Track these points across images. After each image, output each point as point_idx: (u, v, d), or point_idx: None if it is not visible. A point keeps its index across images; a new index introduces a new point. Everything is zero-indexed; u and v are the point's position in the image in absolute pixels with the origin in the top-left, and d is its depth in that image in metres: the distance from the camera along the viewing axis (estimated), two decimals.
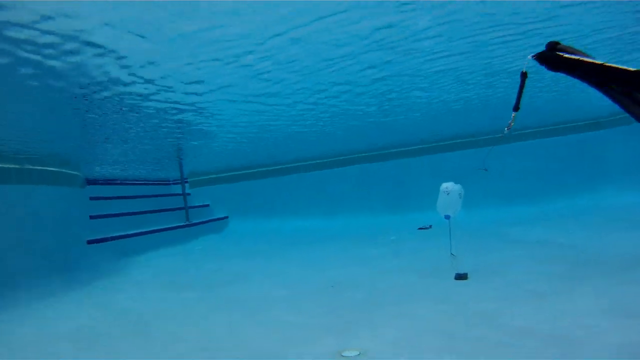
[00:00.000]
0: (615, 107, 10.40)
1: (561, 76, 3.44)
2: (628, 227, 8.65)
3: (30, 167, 8.89)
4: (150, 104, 6.66)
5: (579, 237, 8.22)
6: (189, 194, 15.75)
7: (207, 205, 16.00)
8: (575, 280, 5.54)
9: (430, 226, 11.46)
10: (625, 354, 3.41)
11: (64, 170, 9.94)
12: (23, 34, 3.89)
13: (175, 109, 7.19)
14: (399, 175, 14.67)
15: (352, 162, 15.39)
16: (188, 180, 16.37)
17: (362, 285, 6.50)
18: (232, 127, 9.36)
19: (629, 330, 3.83)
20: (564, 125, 13.90)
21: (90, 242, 9.85)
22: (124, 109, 6.77)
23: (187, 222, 13.78)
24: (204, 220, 14.62)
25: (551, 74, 3.52)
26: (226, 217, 15.80)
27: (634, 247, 6.98)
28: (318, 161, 15.71)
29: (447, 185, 6.74)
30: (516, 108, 3.80)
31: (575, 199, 12.80)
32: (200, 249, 12.10)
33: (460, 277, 6.21)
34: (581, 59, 3.13)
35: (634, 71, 2.89)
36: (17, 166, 8.54)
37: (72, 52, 4.41)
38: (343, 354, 3.98)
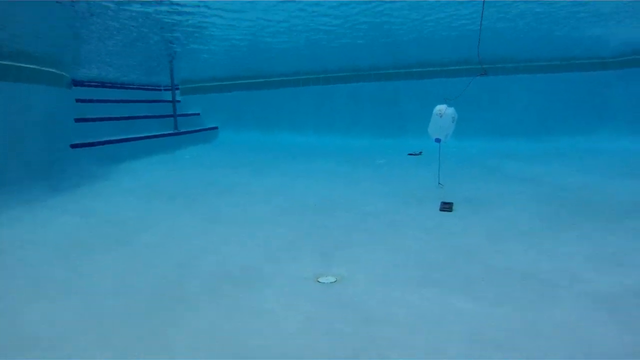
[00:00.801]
0: (624, 48, 10.06)
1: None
2: (624, 174, 8.52)
3: (10, 63, 8.53)
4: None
5: (574, 179, 8.07)
6: (179, 102, 15.44)
7: (198, 114, 15.74)
8: (564, 223, 5.46)
9: (421, 152, 11.34)
10: (599, 304, 3.39)
11: (46, 69, 9.55)
12: None
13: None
14: (394, 98, 14.36)
15: (348, 80, 14.98)
16: (179, 87, 15.99)
17: (346, 207, 6.45)
18: (228, 32, 8.98)
19: (607, 280, 3.80)
20: (570, 62, 13.44)
21: (74, 146, 9.65)
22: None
23: (176, 130, 13.57)
24: (193, 129, 14.40)
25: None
26: (216, 128, 15.58)
27: (627, 195, 6.87)
28: (314, 76, 15.26)
29: (440, 108, 6.53)
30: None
31: (576, 137, 12.64)
32: (188, 158, 11.98)
33: (445, 207, 6.16)
34: None
35: None
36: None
37: None
38: (319, 280, 3.96)
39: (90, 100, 11.64)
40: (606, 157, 10.52)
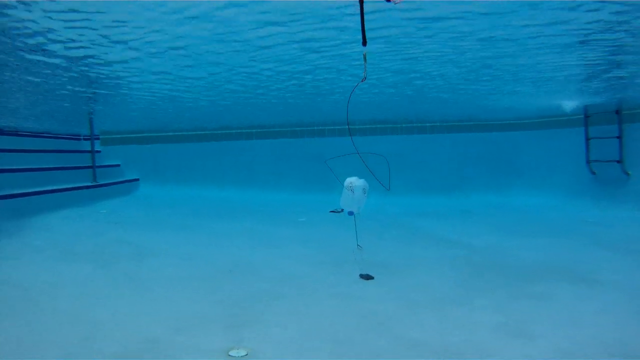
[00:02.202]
0: (532, 113, 10.71)
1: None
2: (535, 232, 9.05)
3: None
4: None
5: (487, 239, 8.47)
6: (98, 152, 15.00)
7: (118, 166, 15.33)
8: (477, 288, 5.64)
9: (342, 210, 11.51)
10: None
11: None
12: None
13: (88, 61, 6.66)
14: (318, 153, 14.62)
15: (273, 136, 15.17)
16: (100, 137, 15.57)
17: (263, 273, 6.38)
18: (149, 86, 8.89)
19: (515, 352, 3.96)
20: (485, 123, 14.37)
21: None
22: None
23: (94, 183, 13.14)
24: (113, 181, 13.99)
25: None
26: (137, 180, 15.21)
27: (533, 254, 7.28)
28: (237, 131, 15.36)
29: (351, 181, 6.64)
30: (364, 42, 3.66)
31: (488, 195, 13.33)
32: (105, 212, 11.58)
33: (365, 276, 6.22)
34: None
35: None
36: None
37: None
38: (230, 353, 3.88)
39: (1, 150, 11.10)
40: (516, 214, 11.15)
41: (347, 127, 14.36)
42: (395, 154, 11.72)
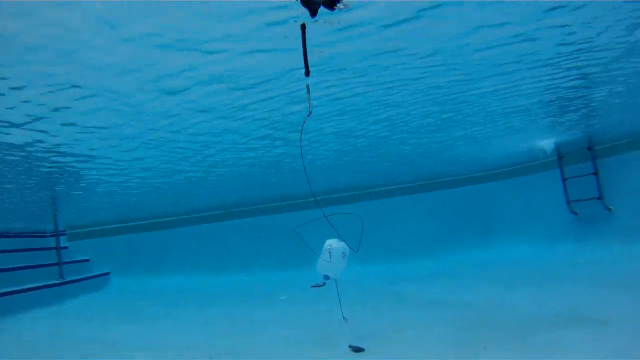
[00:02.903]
0: (506, 160, 10.56)
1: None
2: (526, 282, 8.79)
3: None
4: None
5: (476, 295, 8.17)
6: (65, 248, 14.40)
7: (87, 260, 14.69)
8: (478, 347, 5.32)
9: (325, 283, 11.08)
10: None
11: None
12: None
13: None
14: (291, 229, 14.26)
15: (244, 215, 14.84)
16: (66, 232, 15.02)
17: None
18: (111, 177, 8.67)
19: None
20: (455, 178, 14.28)
21: None
22: None
23: (61, 280, 12.47)
24: (81, 277, 13.32)
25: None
26: (107, 274, 14.55)
27: (534, 304, 6.99)
28: (208, 213, 15.01)
29: (330, 243, 6.33)
30: (307, 73, 3.47)
31: (471, 252, 13.01)
32: (74, 310, 10.90)
33: (356, 349, 5.79)
34: None
35: None
36: None
37: None
38: None
39: None
40: (502, 267, 10.88)
41: (320, 198, 14.12)
42: (367, 220, 11.36)
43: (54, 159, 6.74)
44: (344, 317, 7.01)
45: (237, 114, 5.83)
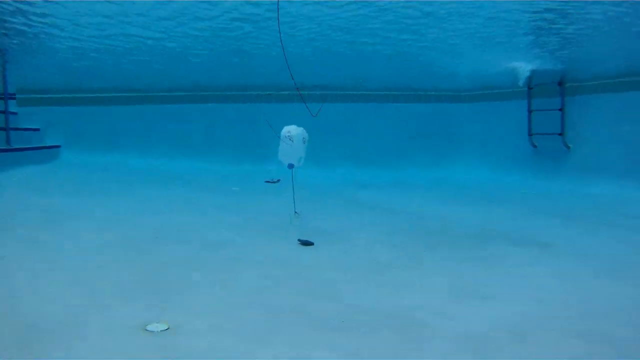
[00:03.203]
0: (476, 83, 10.41)
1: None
2: (476, 202, 8.94)
3: None
4: None
5: (429, 208, 8.28)
6: (15, 114, 13.72)
7: (37, 130, 14.08)
8: (422, 253, 5.39)
9: (279, 180, 10.98)
10: (462, 343, 3.14)
11: None
12: None
13: None
14: (255, 121, 13.91)
15: (206, 100, 14.31)
16: (16, 96, 14.23)
17: (190, 238, 5.85)
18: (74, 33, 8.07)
19: (476, 313, 3.63)
20: (425, 93, 14.06)
21: None
22: None
23: (7, 147, 11.96)
24: (30, 146, 12.81)
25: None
26: (58, 147, 14.02)
27: (481, 221, 7.18)
28: (169, 94, 14.33)
29: (289, 129, 6.11)
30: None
31: (429, 168, 13.05)
32: (19, 178, 10.54)
33: (305, 243, 5.74)
34: None
35: None
36: None
37: None
38: (147, 328, 3.33)
39: None
40: (456, 187, 11.04)
41: (286, 93, 13.71)
42: (330, 123, 11.04)
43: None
44: (295, 212, 6.98)
45: None
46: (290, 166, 5.99)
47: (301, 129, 5.96)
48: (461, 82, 12.85)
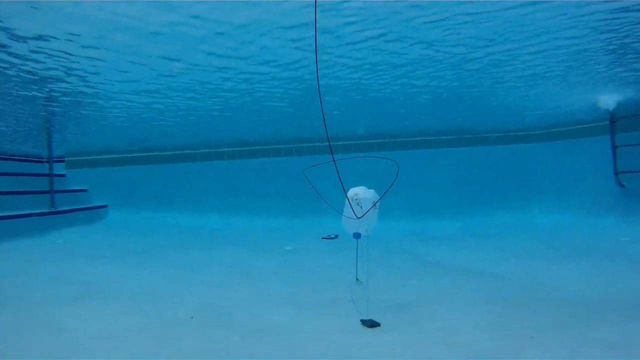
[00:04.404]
0: (548, 120, 8.99)
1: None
2: (567, 256, 7.58)
3: None
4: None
5: (512, 267, 6.97)
6: (63, 176, 13.46)
7: (85, 191, 13.72)
8: (522, 333, 4.12)
9: (337, 236, 9.97)
10: None
11: None
12: None
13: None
14: (308, 173, 13.02)
15: (255, 155, 13.62)
16: (64, 159, 14.00)
17: (233, 320, 4.81)
18: (121, 102, 7.67)
19: None
20: (494, 135, 12.89)
21: None
22: None
23: (52, 209, 11.51)
24: (76, 207, 12.37)
25: None
26: (105, 206, 13.58)
27: (582, 284, 5.79)
28: (218, 150, 13.78)
29: (356, 192, 5.01)
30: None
31: (501, 215, 11.76)
32: (61, 242, 9.96)
33: (369, 324, 4.62)
34: None
35: None
36: None
37: None
38: None
39: None
40: (538, 236, 9.66)
41: (339, 143, 12.86)
42: (391, 172, 10.03)
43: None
44: (357, 279, 5.87)
45: None
46: (357, 236, 4.83)
47: (372, 191, 4.82)
48: (531, 121, 11.62)
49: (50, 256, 8.42)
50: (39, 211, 10.93)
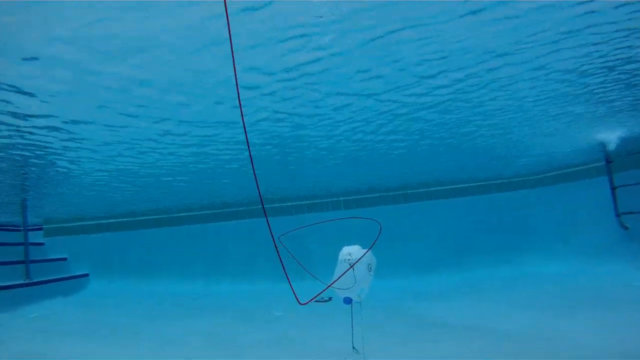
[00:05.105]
0: (540, 167, 8.66)
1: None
2: (575, 307, 7.08)
3: None
4: None
5: (517, 322, 6.47)
6: (41, 245, 12.86)
7: (65, 259, 13.08)
8: None
9: (330, 299, 9.37)
10: None
11: None
12: None
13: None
14: (298, 233, 12.50)
15: (242, 216, 13.14)
16: (43, 227, 13.43)
17: None
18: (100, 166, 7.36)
19: None
20: (483, 183, 12.56)
21: None
22: None
23: (27, 280, 10.84)
24: (54, 277, 11.70)
25: None
26: (86, 275, 12.91)
27: (595, 341, 5.29)
28: (199, 212, 13.32)
29: (349, 251, 4.54)
30: None
31: (500, 266, 11.26)
32: (34, 317, 9.28)
33: None
34: None
35: None
36: None
37: None
38: None
39: None
40: (539, 286, 9.16)
41: (330, 200, 12.45)
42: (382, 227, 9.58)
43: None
44: (354, 348, 5.34)
45: None
46: (347, 301, 4.30)
47: (369, 252, 4.35)
48: (524, 167, 11.31)
49: (16, 333, 7.76)
50: (11, 283, 10.25)
